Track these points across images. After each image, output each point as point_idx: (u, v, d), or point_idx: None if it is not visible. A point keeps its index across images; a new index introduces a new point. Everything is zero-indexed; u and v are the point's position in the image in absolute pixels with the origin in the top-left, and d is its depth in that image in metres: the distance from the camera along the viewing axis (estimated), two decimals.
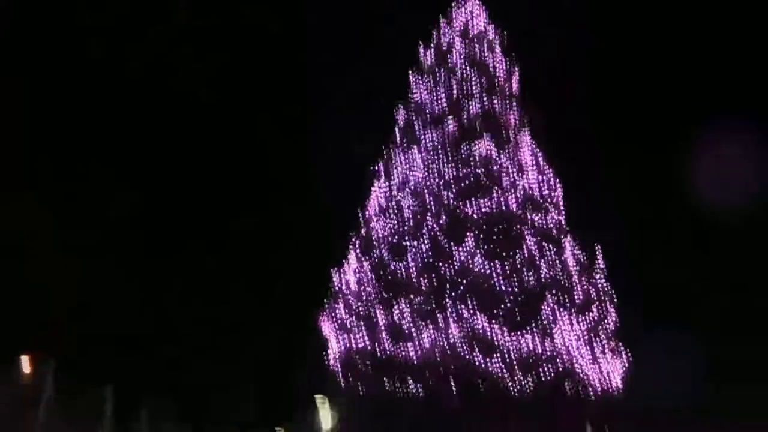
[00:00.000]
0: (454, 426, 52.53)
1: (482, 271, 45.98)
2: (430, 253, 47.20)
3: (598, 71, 65.70)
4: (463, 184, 50.16)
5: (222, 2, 70.85)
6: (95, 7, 67.84)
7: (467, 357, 43.97)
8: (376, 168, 53.48)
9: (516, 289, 45.11)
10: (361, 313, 48.01)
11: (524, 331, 44.48)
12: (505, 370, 44.71)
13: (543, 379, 44.42)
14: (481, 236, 48.45)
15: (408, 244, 47.98)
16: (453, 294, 46.63)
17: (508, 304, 44.73)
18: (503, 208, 49.08)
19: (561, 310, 45.26)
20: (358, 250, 51.85)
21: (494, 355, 44.26)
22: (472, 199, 48.89)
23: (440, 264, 47.20)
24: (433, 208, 49.81)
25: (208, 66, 69.82)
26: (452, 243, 47.63)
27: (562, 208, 52.48)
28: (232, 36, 74.93)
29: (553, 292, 45.65)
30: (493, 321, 44.88)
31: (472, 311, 45.75)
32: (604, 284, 49.10)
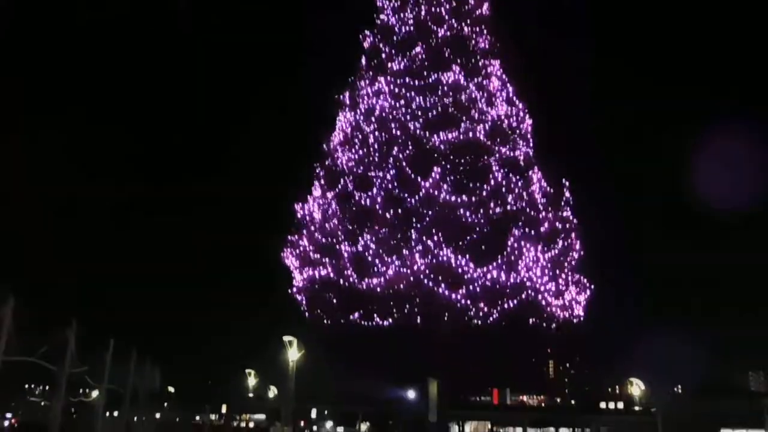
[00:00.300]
0: (417, 356, 52.79)
1: (448, 202, 45.32)
2: (395, 184, 46.02)
3: None
4: (430, 114, 48.79)
5: None
6: None
7: (432, 288, 43.63)
8: (341, 97, 51.74)
9: (482, 221, 44.49)
10: (326, 245, 47.10)
11: (489, 263, 44.24)
12: (469, 302, 44.56)
13: (507, 310, 44.38)
14: (448, 167, 47.97)
15: (373, 174, 46.76)
16: (418, 225, 45.80)
17: (474, 236, 44.16)
18: (471, 138, 48.35)
19: (526, 242, 44.86)
20: (322, 182, 50.53)
21: (459, 287, 44.06)
22: (440, 129, 47.88)
23: (406, 195, 46.12)
24: (399, 138, 48.86)
25: None
26: (418, 174, 48.06)
27: (530, 140, 51.58)
28: None
29: (520, 224, 45.17)
30: (459, 253, 44.48)
31: (437, 243, 45.24)
32: (571, 217, 48.81)
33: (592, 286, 48.59)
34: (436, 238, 43.67)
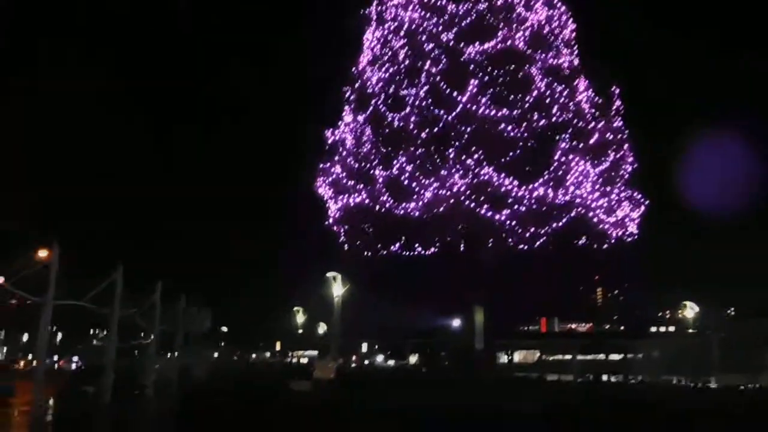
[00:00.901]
0: (461, 284, 50.21)
1: (488, 116, 41.62)
2: (430, 101, 42.43)
3: None
4: (464, 23, 44.51)
5: None
6: None
7: (474, 209, 40.43)
8: (367, 12, 47.70)
9: (525, 135, 40.70)
10: (359, 171, 44.09)
11: (535, 180, 40.69)
12: (514, 222, 41.34)
13: (555, 230, 40.99)
14: (486, 79, 43.34)
15: (406, 92, 43.04)
16: (456, 144, 42.28)
17: (517, 152, 40.52)
18: (509, 47, 44.04)
19: (574, 155, 41.02)
20: (352, 105, 47.19)
21: (503, 207, 40.82)
22: (475, 39, 43.65)
23: (441, 112, 42.51)
24: (431, 51, 44.82)
25: None
26: (454, 89, 43.08)
27: (575, 46, 47.01)
28: None
29: (566, 136, 41.24)
30: (501, 170, 40.98)
31: (477, 161, 41.77)
32: (622, 128, 44.63)
33: (647, 202, 44.64)
34: (476, 156, 40.18)
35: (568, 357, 61.76)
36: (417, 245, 44.72)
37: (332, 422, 20.30)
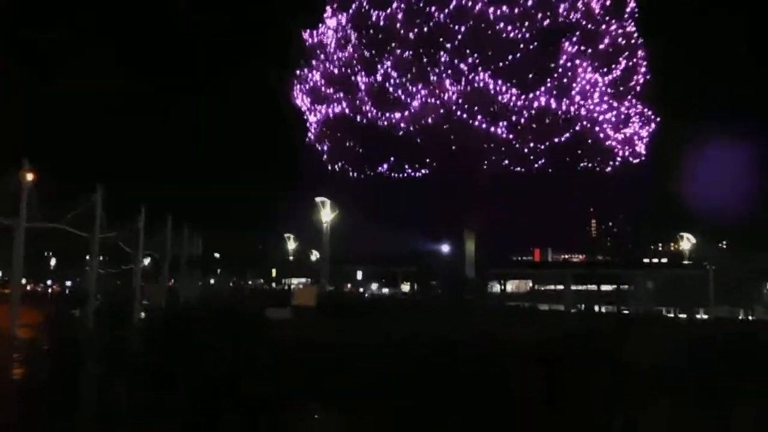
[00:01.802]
0: (453, 207, 45.78)
1: (485, 14, 35.83)
2: None
3: None
4: None
5: None
6: None
7: (467, 121, 35.35)
8: None
9: (527, 37, 35.18)
10: (339, 77, 38.70)
11: (536, 88, 35.42)
12: (512, 136, 36.33)
13: (557, 145, 36.05)
14: None
15: None
16: (448, 46, 36.59)
17: (517, 55, 35.10)
18: None
19: (582, 61, 35.66)
20: (334, 5, 41.34)
21: (500, 118, 35.65)
22: None
23: (432, 9, 36.48)
24: None
25: None
26: None
27: None
28: None
29: (573, 39, 35.77)
30: (498, 76, 35.59)
31: (471, 66, 36.14)
32: (635, 33, 39.10)
33: (658, 120, 39.55)
34: (470, 59, 34.79)
35: (561, 287, 58.79)
36: (406, 166, 40.10)
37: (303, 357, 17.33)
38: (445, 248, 48.87)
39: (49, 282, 67.45)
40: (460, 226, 43.74)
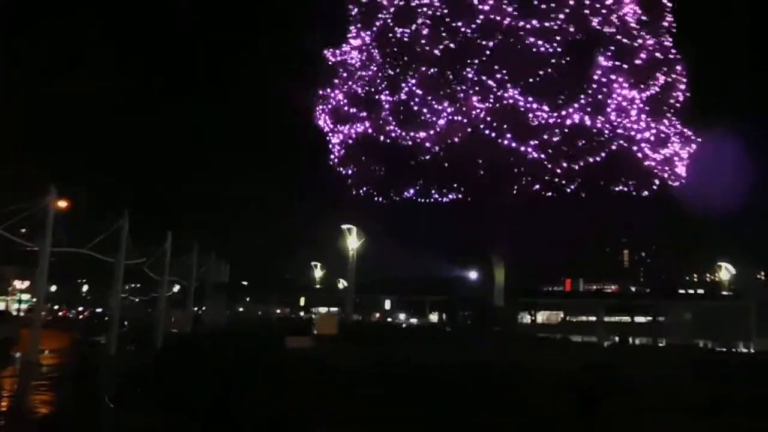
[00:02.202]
0: (481, 233, 43.54)
1: (514, 28, 33.88)
2: (445, 11, 34.89)
3: None
4: None
5: None
6: None
7: (495, 139, 33.29)
8: None
9: (559, 51, 33.20)
10: (363, 96, 37.06)
11: (569, 105, 33.28)
12: (543, 156, 34.13)
13: (592, 165, 33.74)
14: None
15: (417, 2, 35.66)
16: (476, 61, 34.72)
17: (549, 70, 33.08)
18: None
19: (617, 76, 33.50)
20: (358, 25, 39.96)
21: (530, 137, 33.54)
22: None
23: (458, 23, 34.91)
24: None
25: None
26: None
27: None
28: None
29: (607, 53, 33.68)
30: (528, 93, 33.58)
31: (500, 81, 33.87)
32: (673, 48, 36.88)
33: (699, 140, 37.06)
34: (498, 75, 32.84)
35: (593, 319, 55.33)
36: (433, 191, 38.22)
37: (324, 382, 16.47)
38: (473, 275, 46.75)
39: (80, 308, 68.06)
40: (487, 253, 41.57)
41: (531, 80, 32.63)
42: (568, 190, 35.68)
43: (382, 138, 34.90)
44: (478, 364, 18.38)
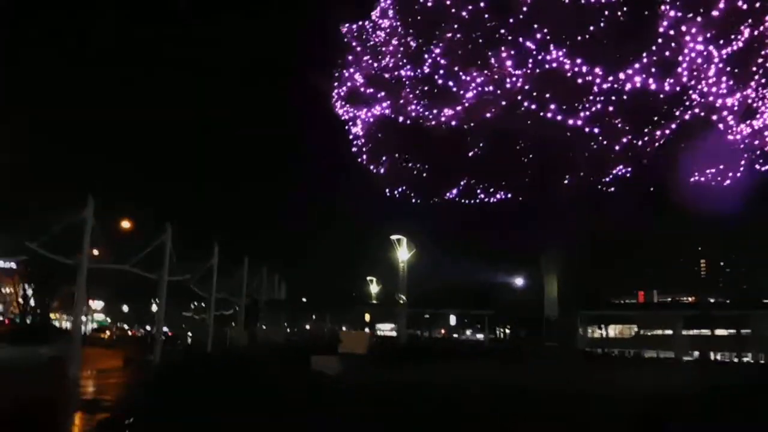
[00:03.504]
0: (531, 233, 37.00)
1: None
2: None
3: None
4: None
5: None
6: None
7: (537, 113, 26.68)
8: None
9: (613, 0, 26.44)
10: (381, 74, 31.26)
11: (629, 64, 26.25)
12: (598, 130, 27.19)
13: (662, 138, 26.63)
14: None
15: None
16: (510, 20, 28.34)
17: (601, 26, 26.34)
18: None
19: (689, 27, 26.36)
20: None
21: (581, 104, 26.73)
22: None
23: None
24: None
25: None
26: None
27: None
28: None
29: (677, 1, 26.63)
30: (577, 53, 26.65)
31: (540, 42, 27.20)
32: None
33: None
34: (538, 35, 26.29)
35: (669, 332, 50.19)
36: (479, 190, 32.24)
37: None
38: (519, 282, 40.34)
39: (147, 327, 67.73)
40: (536, 258, 35.13)
41: (579, 38, 25.88)
42: (625, 172, 28.76)
43: (401, 119, 28.86)
44: (515, 390, 15.56)
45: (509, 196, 32.94)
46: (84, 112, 58.70)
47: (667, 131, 26.25)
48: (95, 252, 24.69)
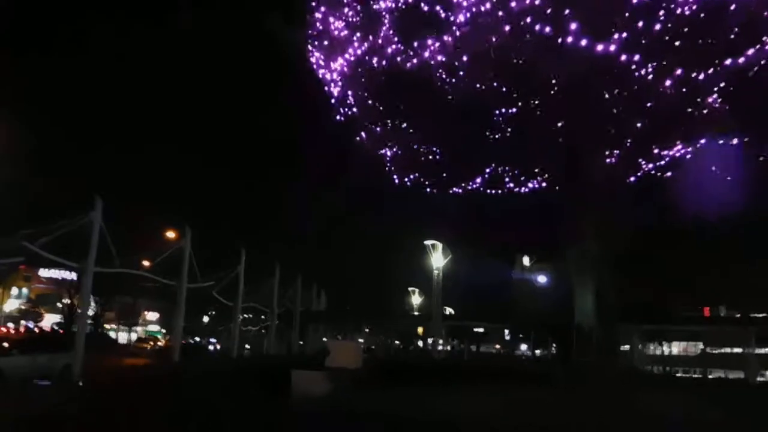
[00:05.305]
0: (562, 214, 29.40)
1: None
2: None
3: None
4: None
5: None
6: None
7: (552, 40, 18.83)
8: None
9: None
10: (354, 16, 24.12)
11: None
12: (638, 56, 18.99)
13: (728, 68, 18.45)
14: None
15: None
16: None
17: None
18: None
19: None
20: None
21: (612, 27, 18.41)
22: None
23: None
24: None
25: None
26: None
27: None
28: None
29: None
30: None
31: None
32: None
33: None
34: None
35: (739, 350, 45.95)
36: (507, 179, 26.78)
37: None
38: (541, 278, 32.71)
39: (197, 338, 65.98)
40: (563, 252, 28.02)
41: None
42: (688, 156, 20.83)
43: (375, 61, 21.57)
44: None
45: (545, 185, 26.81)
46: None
47: (741, 60, 18.05)
48: (145, 263, 24.25)
